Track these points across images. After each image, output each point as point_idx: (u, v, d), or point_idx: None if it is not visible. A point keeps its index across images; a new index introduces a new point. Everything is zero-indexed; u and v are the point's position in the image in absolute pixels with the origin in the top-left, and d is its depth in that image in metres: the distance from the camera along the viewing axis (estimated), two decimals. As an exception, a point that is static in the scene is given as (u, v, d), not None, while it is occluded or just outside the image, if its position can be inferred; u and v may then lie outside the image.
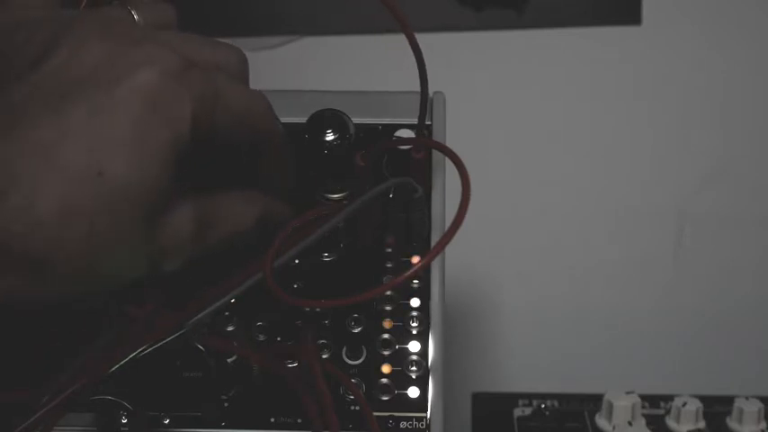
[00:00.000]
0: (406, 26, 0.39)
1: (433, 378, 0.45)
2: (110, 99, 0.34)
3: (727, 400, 0.62)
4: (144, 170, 0.35)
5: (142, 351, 0.40)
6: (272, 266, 0.40)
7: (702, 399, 0.61)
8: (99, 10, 0.39)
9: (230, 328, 0.45)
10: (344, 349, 0.45)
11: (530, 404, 0.65)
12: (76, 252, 0.34)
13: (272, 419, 0.45)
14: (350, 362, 0.45)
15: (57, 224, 0.33)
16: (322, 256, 0.44)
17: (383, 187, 0.43)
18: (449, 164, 0.44)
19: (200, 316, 0.40)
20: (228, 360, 0.44)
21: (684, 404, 0.60)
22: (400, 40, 0.40)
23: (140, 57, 0.35)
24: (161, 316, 0.40)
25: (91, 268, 0.35)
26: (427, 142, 0.47)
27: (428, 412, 0.45)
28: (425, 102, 0.44)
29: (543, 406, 0.63)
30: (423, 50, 0.41)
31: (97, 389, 0.43)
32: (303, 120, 0.45)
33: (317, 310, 0.45)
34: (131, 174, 0.34)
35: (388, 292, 0.46)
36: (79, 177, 0.33)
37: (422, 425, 0.44)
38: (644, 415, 0.61)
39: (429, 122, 0.49)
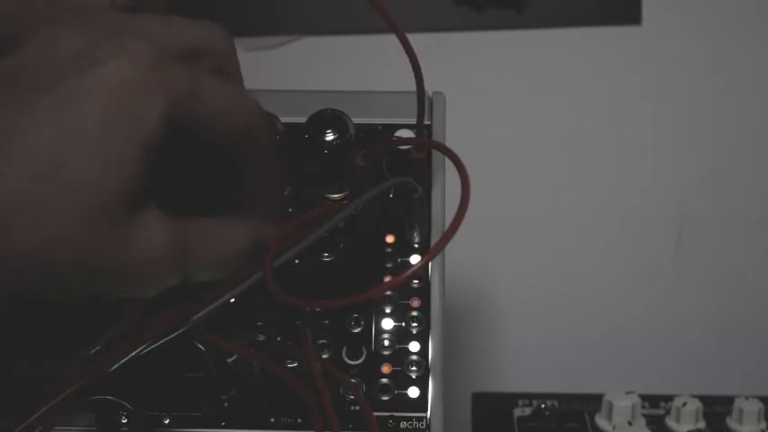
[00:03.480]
0: (397, 27, 0.39)
1: (433, 378, 0.45)
2: (79, 90, 0.33)
3: (728, 400, 0.62)
4: (108, 165, 0.33)
5: (142, 350, 0.40)
6: (272, 266, 0.40)
7: (702, 399, 0.61)
8: None
9: (230, 329, 0.45)
10: (344, 349, 0.45)
11: (530, 404, 0.65)
12: (28, 246, 0.32)
13: (272, 419, 0.45)
14: (350, 362, 0.45)
15: (10, 213, 0.31)
16: (322, 256, 0.44)
17: (383, 187, 0.43)
18: (449, 164, 0.44)
19: (199, 315, 0.40)
20: (228, 360, 0.44)
21: (684, 404, 0.60)
22: (400, 39, 0.40)
23: (114, 48, 0.33)
24: (160, 315, 0.40)
25: (46, 268, 0.33)
26: (427, 142, 0.47)
27: (428, 412, 0.45)
28: (422, 101, 0.44)
29: (543, 406, 0.62)
30: (422, 51, 0.41)
31: (97, 389, 0.43)
32: (303, 120, 0.45)
33: (317, 310, 0.45)
34: (94, 168, 0.32)
35: (388, 292, 0.46)
36: (37, 166, 0.32)
37: (422, 425, 0.44)
38: (644, 415, 0.61)
39: (429, 122, 0.49)
